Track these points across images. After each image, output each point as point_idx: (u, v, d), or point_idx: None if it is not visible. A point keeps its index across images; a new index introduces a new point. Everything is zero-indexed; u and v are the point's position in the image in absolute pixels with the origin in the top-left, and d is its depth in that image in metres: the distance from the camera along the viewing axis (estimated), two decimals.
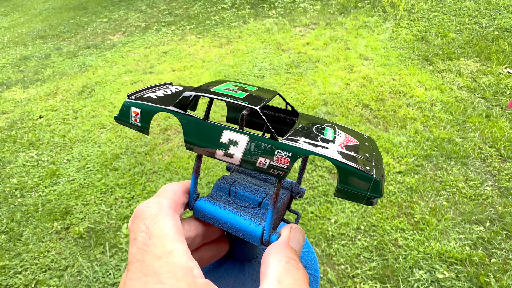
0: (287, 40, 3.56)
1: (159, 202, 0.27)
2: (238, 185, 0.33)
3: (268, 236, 0.28)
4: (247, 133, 0.28)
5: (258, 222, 0.29)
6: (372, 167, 0.27)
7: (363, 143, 0.31)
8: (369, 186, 0.26)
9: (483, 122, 2.21)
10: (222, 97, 0.28)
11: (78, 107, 2.79)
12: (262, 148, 0.27)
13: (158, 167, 2.08)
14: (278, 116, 0.36)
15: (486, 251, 1.48)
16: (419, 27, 3.46)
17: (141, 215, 0.26)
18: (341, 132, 0.32)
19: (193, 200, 0.31)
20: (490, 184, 1.79)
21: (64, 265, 1.57)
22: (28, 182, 2.06)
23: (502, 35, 3.10)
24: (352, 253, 1.51)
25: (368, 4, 4.01)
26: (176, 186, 0.30)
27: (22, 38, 4.60)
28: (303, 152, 0.27)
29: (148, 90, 0.35)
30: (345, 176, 0.26)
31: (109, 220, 1.77)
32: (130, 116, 0.32)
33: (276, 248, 0.26)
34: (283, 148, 0.27)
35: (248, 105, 0.27)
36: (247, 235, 0.29)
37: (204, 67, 3.23)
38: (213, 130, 0.29)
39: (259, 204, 0.31)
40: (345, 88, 2.67)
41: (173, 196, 0.29)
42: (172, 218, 0.26)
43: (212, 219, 0.30)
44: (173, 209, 0.27)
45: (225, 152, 0.28)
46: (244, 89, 0.30)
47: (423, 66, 2.90)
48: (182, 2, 5.00)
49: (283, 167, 0.27)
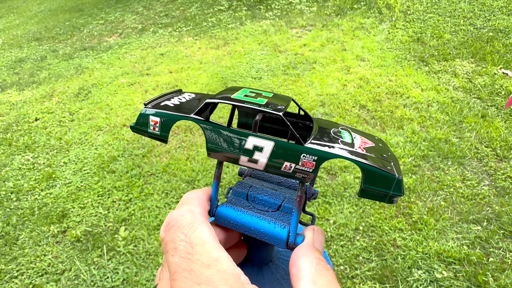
0: (284, 41, 3.57)
1: (191, 210, 0.27)
2: (255, 190, 0.33)
3: (294, 238, 0.29)
4: (272, 138, 0.28)
5: (283, 225, 0.30)
6: (392, 167, 0.28)
7: (377, 144, 0.33)
8: (392, 186, 0.27)
9: (479, 122, 2.23)
10: (246, 104, 0.28)
11: (74, 109, 2.77)
12: (287, 153, 0.28)
13: (155, 169, 2.07)
14: (291, 120, 0.37)
15: (484, 250, 1.49)
16: (414, 29, 3.48)
17: (176, 224, 0.26)
18: (356, 134, 0.33)
19: (214, 207, 0.31)
20: (486, 183, 1.81)
21: (61, 269, 1.56)
22: (24, 185, 2.04)
23: (496, 36, 3.13)
24: (351, 254, 1.51)
25: (364, 5, 4.04)
26: (200, 193, 0.30)
27: (17, 40, 4.57)
28: (328, 155, 0.27)
29: (163, 98, 0.35)
30: (369, 177, 0.27)
31: (106, 223, 1.76)
32: (149, 125, 0.32)
33: (304, 250, 0.26)
34: (308, 152, 0.28)
35: (273, 112, 0.28)
36: (272, 238, 0.29)
37: (201, 68, 3.23)
38: (237, 137, 0.29)
39: (279, 207, 0.32)
40: (342, 89, 2.68)
41: (200, 204, 0.29)
42: (207, 226, 0.26)
43: (235, 224, 0.30)
44: (205, 217, 0.27)
45: (249, 158, 0.29)
46: (262, 96, 0.31)
47: (419, 67, 2.92)
48: (179, 4, 4.99)
49: (309, 170, 0.28)
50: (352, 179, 1.87)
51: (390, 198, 0.28)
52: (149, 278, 1.49)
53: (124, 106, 2.74)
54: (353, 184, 1.84)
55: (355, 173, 1.90)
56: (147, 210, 1.81)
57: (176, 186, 1.93)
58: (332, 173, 1.93)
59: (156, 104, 0.33)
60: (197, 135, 2.32)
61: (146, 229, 1.70)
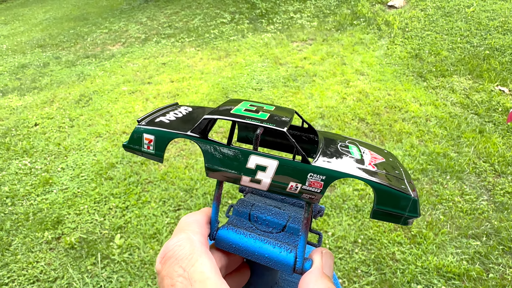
0: (284, 54, 3.63)
1: (189, 239, 0.25)
2: (257, 209, 0.31)
3: (302, 264, 0.27)
4: (276, 157, 0.26)
5: (289, 249, 0.27)
6: (406, 185, 0.26)
7: (387, 159, 0.30)
8: (408, 206, 0.25)
9: (477, 137, 2.25)
10: (247, 119, 0.27)
11: (74, 115, 2.77)
12: (293, 172, 0.26)
13: (154, 177, 2.06)
14: (294, 133, 0.35)
15: (483, 266, 1.47)
16: (413, 45, 3.56)
17: (173, 255, 0.24)
18: (365, 149, 0.31)
19: (215, 230, 0.29)
20: (485, 198, 1.81)
21: (54, 276, 1.52)
22: (20, 190, 2.02)
23: (493, 54, 3.20)
24: (349, 267, 1.49)
25: (363, 22, 4.13)
26: (199, 216, 0.28)
27: (21, 47, 4.62)
28: (338, 174, 0.26)
29: (157, 113, 0.33)
30: (383, 197, 0.25)
31: (102, 230, 1.73)
32: (142, 144, 0.30)
33: (314, 278, 0.25)
34: (316, 171, 0.26)
35: (275, 128, 0.26)
36: (278, 264, 0.27)
37: (202, 78, 3.26)
38: (238, 156, 0.27)
39: (283, 228, 0.30)
40: (341, 102, 2.70)
41: (200, 229, 0.27)
42: (208, 256, 0.24)
43: (236, 249, 0.28)
44: (205, 246, 0.26)
45: (252, 178, 0.27)
46: (263, 109, 0.29)
47: (417, 82, 2.97)
48: (182, 16, 5.09)
49: (316, 191, 0.26)
50: (351, 191, 1.86)
51: (405, 219, 0.26)
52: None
53: (125, 113, 2.75)
54: (351, 196, 1.83)
55: (353, 185, 1.90)
56: (144, 218, 1.78)
57: (174, 195, 1.92)
58: (331, 185, 1.92)
59: (150, 120, 0.31)
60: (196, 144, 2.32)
61: (142, 237, 1.68)
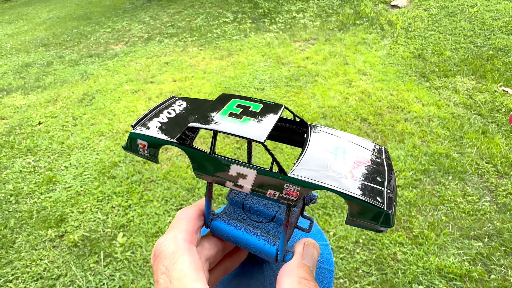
0: (287, 54, 3.63)
1: (175, 237, 0.28)
2: (251, 199, 0.34)
3: (282, 257, 0.29)
4: (254, 167, 0.28)
5: (272, 242, 0.30)
6: (384, 195, 0.26)
7: (374, 160, 0.31)
8: (380, 219, 0.26)
9: (480, 138, 2.24)
10: (226, 129, 0.28)
11: (78, 114, 2.79)
12: (270, 182, 0.28)
13: (156, 176, 2.07)
14: (288, 127, 0.36)
15: (485, 267, 1.47)
16: (416, 45, 3.54)
17: (160, 254, 0.27)
18: (352, 149, 0.31)
19: (209, 221, 0.32)
20: (487, 199, 1.80)
21: (57, 274, 1.53)
22: (23, 188, 2.04)
23: (496, 55, 3.18)
24: (350, 267, 1.50)
25: (366, 21, 4.12)
26: (190, 212, 0.31)
27: (25, 46, 4.65)
28: (312, 186, 0.26)
29: (152, 114, 0.34)
30: (355, 209, 0.26)
31: (104, 228, 1.75)
32: (138, 148, 0.32)
33: (288, 269, 0.27)
34: (291, 182, 0.27)
35: (252, 139, 0.27)
36: (263, 254, 0.30)
37: (205, 78, 3.27)
38: (220, 164, 0.29)
39: (272, 218, 0.32)
40: (343, 102, 2.70)
41: (187, 226, 0.29)
42: (189, 253, 0.27)
43: (228, 238, 0.31)
44: (189, 242, 0.28)
45: (234, 184, 0.29)
46: (248, 111, 0.30)
47: (420, 82, 2.96)
48: (185, 15, 5.10)
49: (293, 199, 0.27)
50: None
51: (378, 229, 0.26)
52: (146, 286, 1.47)
53: (127, 112, 2.76)
54: None
55: None
56: (146, 217, 1.80)
57: (176, 194, 1.93)
58: None
59: (144, 124, 0.33)
60: (198, 143, 2.33)
61: (144, 236, 1.69)
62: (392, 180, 0.29)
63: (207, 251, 0.31)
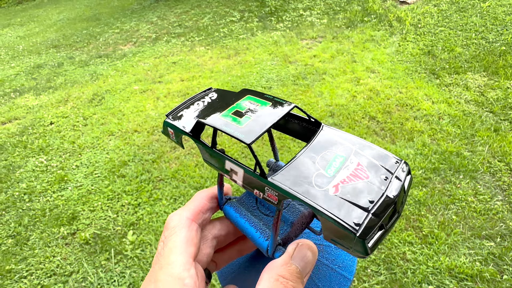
0: (294, 52, 3.61)
1: (180, 214, 0.31)
2: None
3: (272, 253, 0.31)
4: (242, 166, 0.29)
5: (267, 237, 0.32)
6: (364, 219, 0.23)
7: (379, 177, 0.27)
8: (352, 244, 0.23)
9: (492, 136, 2.19)
10: (222, 127, 0.29)
11: (88, 114, 2.84)
12: (253, 182, 0.29)
13: (165, 174, 2.09)
14: (302, 125, 0.36)
15: (497, 267, 1.44)
16: (425, 42, 3.49)
17: (166, 225, 0.31)
18: (355, 161, 0.28)
19: (221, 205, 0.35)
20: (500, 198, 1.77)
21: (69, 270, 1.57)
22: (36, 187, 2.09)
23: (509, 50, 3.11)
24: (359, 266, 1.49)
25: (374, 18, 4.07)
26: (204, 194, 0.35)
27: (36, 47, 4.74)
28: (288, 195, 0.26)
29: (185, 105, 0.38)
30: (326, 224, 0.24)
31: (115, 226, 1.78)
32: (169, 134, 0.37)
33: (272, 266, 0.28)
34: (271, 186, 0.27)
35: (241, 140, 0.27)
36: (257, 245, 0.32)
37: (212, 77, 3.28)
38: (219, 158, 0.32)
39: None
40: (351, 100, 2.68)
41: (197, 206, 0.33)
42: (187, 229, 0.30)
43: (234, 223, 0.34)
44: (191, 220, 0.31)
45: (230, 177, 0.31)
46: (253, 110, 0.31)
47: (430, 79, 2.91)
48: (192, 15, 5.12)
49: (274, 202, 0.28)
50: None
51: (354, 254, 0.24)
52: None
53: (136, 112, 2.80)
54: None
55: None
56: (155, 215, 1.82)
57: (184, 192, 1.95)
58: None
59: (175, 114, 0.37)
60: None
61: (154, 234, 1.71)
62: (391, 206, 0.25)
63: (217, 230, 0.34)
